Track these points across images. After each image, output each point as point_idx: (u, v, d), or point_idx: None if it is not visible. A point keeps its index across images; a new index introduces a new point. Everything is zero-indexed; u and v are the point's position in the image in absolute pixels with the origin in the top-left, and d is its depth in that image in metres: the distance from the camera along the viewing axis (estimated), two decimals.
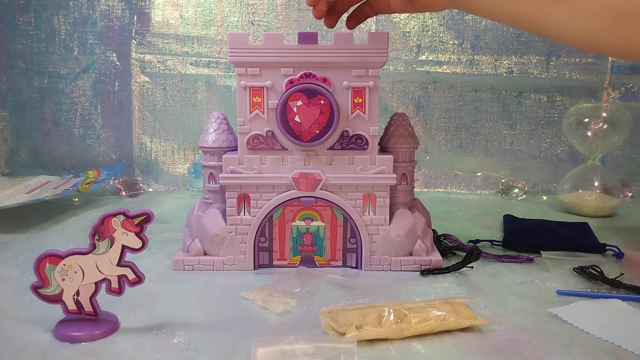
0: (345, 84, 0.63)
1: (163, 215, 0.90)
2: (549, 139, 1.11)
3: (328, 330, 0.48)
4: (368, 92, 0.63)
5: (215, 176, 0.69)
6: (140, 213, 0.46)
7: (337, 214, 0.66)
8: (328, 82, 0.63)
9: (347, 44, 0.62)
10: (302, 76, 0.62)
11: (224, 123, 0.70)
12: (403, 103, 1.12)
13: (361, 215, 0.65)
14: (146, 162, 1.15)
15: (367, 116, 0.64)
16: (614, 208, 0.96)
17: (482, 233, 0.82)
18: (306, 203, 0.64)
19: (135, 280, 0.48)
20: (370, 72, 0.63)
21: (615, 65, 1.07)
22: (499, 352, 0.45)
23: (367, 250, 0.65)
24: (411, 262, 0.66)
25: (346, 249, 0.67)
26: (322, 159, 0.64)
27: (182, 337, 0.47)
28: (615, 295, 0.57)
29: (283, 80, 0.63)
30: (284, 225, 0.66)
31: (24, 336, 0.47)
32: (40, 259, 0.46)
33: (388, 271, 0.65)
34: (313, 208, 0.65)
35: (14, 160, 1.18)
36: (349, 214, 0.64)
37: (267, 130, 0.64)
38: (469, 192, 1.14)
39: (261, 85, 0.63)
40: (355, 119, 0.64)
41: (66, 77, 1.14)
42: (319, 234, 0.66)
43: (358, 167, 0.64)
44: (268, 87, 0.63)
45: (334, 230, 0.66)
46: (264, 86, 0.63)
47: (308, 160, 0.64)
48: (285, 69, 0.63)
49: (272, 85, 0.63)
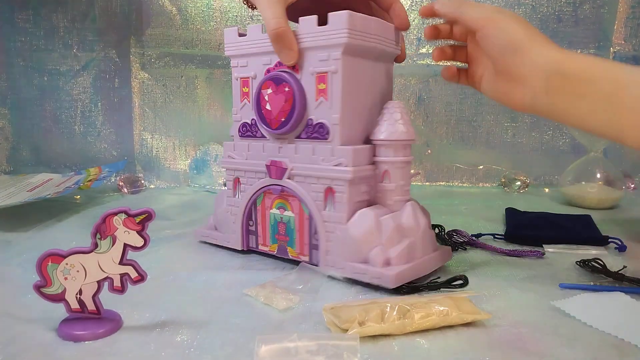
0: (311, 69, 0.60)
1: (165, 212, 0.90)
2: (550, 131, 1.11)
3: (331, 326, 0.48)
4: (331, 77, 0.58)
5: None
6: (141, 211, 0.46)
7: (303, 206, 0.63)
8: (296, 69, 0.61)
9: (309, 27, 0.59)
10: (276, 64, 0.63)
11: None
12: (404, 97, 1.12)
13: (320, 210, 0.61)
14: (147, 159, 1.15)
15: (329, 103, 0.59)
16: (617, 200, 0.96)
17: (484, 226, 0.82)
18: (275, 191, 0.65)
19: (137, 279, 0.48)
20: (332, 55, 0.58)
21: (616, 56, 1.07)
22: (502, 347, 0.45)
23: (323, 249, 0.61)
24: (362, 271, 0.57)
25: (312, 245, 0.63)
26: (290, 148, 0.63)
27: (185, 335, 0.47)
28: (618, 288, 0.56)
29: (264, 69, 0.64)
30: (264, 212, 0.67)
31: (27, 335, 0.47)
32: (43, 258, 0.46)
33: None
34: (284, 197, 0.65)
35: (16, 158, 1.18)
36: (309, 207, 0.61)
37: (252, 119, 0.67)
38: (470, 185, 1.14)
39: (247, 76, 0.66)
40: (319, 106, 0.60)
41: (66, 75, 1.14)
42: (290, 224, 0.65)
43: (320, 158, 0.60)
44: (252, 77, 0.66)
45: (302, 223, 0.63)
46: (249, 76, 0.66)
47: (280, 149, 0.64)
48: (263, 58, 0.64)
49: (255, 76, 0.65)
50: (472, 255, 0.70)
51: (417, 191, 1.09)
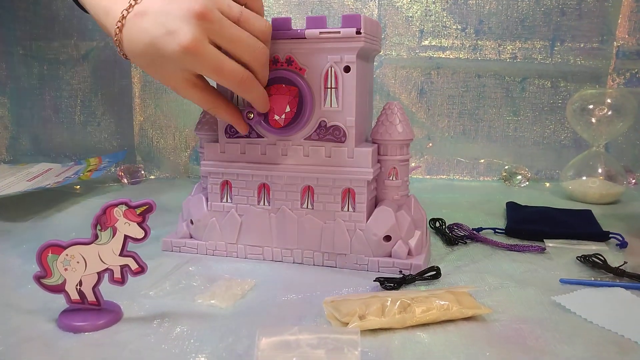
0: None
1: (165, 202, 0.89)
2: (552, 125, 1.11)
3: (331, 320, 0.48)
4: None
5: None
6: (142, 203, 0.46)
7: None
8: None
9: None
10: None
11: None
12: (406, 89, 1.11)
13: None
14: (147, 149, 1.15)
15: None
16: (618, 195, 0.95)
17: (485, 220, 0.82)
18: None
19: (138, 270, 0.48)
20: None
21: (620, 50, 1.06)
22: (502, 342, 0.45)
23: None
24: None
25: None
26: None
27: (185, 327, 0.47)
28: (618, 284, 0.56)
29: None
30: None
31: (27, 326, 0.47)
32: (43, 249, 0.46)
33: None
34: None
35: (15, 147, 1.18)
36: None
37: None
38: (471, 178, 1.14)
39: None
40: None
41: (66, 64, 1.13)
42: None
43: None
44: None
45: None
46: None
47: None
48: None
49: None
50: (472, 249, 0.69)
51: (417, 184, 1.09)
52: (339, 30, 0.57)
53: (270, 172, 0.62)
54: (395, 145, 0.62)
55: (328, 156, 0.61)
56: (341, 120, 0.59)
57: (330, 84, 0.59)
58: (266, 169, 0.62)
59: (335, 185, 0.61)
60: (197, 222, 0.67)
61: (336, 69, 0.59)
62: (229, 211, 0.65)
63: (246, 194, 0.64)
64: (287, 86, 0.59)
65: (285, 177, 0.62)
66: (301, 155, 0.61)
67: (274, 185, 0.63)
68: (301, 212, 0.62)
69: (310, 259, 0.63)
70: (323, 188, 0.61)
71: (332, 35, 0.57)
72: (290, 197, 0.62)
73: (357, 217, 0.61)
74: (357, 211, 0.61)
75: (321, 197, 0.61)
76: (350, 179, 0.60)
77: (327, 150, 0.60)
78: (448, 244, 0.71)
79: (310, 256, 0.63)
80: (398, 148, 0.63)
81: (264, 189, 0.63)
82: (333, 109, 0.59)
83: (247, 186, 0.64)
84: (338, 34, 0.57)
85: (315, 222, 0.62)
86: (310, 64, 0.59)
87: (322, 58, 0.59)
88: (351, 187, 0.60)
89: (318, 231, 0.62)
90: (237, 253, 0.65)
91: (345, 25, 0.57)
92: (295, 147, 0.61)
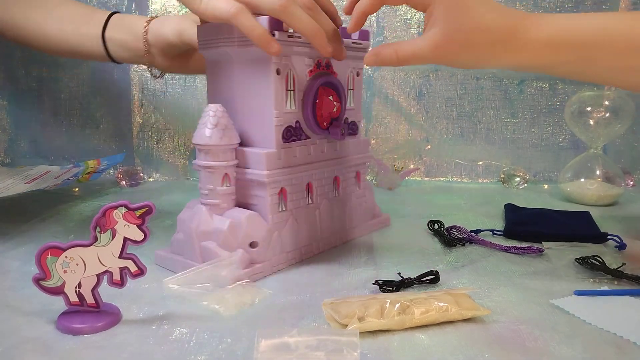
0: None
1: (164, 205, 0.89)
2: (550, 127, 1.11)
3: (330, 321, 0.48)
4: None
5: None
6: (141, 205, 0.46)
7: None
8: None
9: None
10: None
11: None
12: (404, 91, 1.12)
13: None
14: (146, 152, 1.14)
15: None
16: (616, 197, 0.96)
17: (483, 222, 0.82)
18: None
19: (137, 273, 0.48)
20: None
21: None
22: (501, 343, 0.45)
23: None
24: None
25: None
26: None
27: (184, 329, 0.47)
28: (628, 291, 0.55)
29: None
30: None
31: (27, 328, 0.47)
32: (42, 251, 0.46)
33: None
34: None
35: (14, 150, 1.17)
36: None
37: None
38: (470, 180, 1.14)
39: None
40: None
41: (65, 66, 1.13)
42: None
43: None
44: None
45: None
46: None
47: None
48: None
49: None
50: (471, 251, 0.70)
51: (416, 186, 1.09)
52: (361, 42, 0.70)
53: (316, 170, 0.67)
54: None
55: (348, 147, 0.72)
56: (355, 116, 0.73)
57: (349, 86, 0.71)
58: (312, 168, 0.66)
59: (352, 170, 0.73)
60: (262, 242, 0.60)
61: (353, 74, 0.71)
62: (287, 219, 0.63)
63: (299, 197, 0.65)
64: (333, 90, 0.66)
65: (325, 173, 0.68)
66: (333, 149, 0.69)
67: (316, 182, 0.67)
68: (333, 201, 0.70)
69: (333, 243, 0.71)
70: (345, 175, 0.72)
71: (356, 45, 0.69)
72: (327, 190, 0.69)
73: (362, 193, 0.75)
74: (363, 188, 0.75)
75: (343, 183, 0.71)
76: (360, 164, 0.74)
77: (348, 142, 0.72)
78: (446, 246, 0.71)
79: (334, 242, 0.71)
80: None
81: (308, 187, 0.66)
82: (351, 107, 0.72)
83: (299, 189, 0.65)
84: (360, 45, 0.70)
85: (341, 206, 0.71)
86: (339, 69, 0.68)
87: (346, 64, 0.69)
88: (359, 170, 0.75)
89: (343, 214, 0.72)
90: (295, 259, 0.64)
91: (361, 38, 0.70)
92: (330, 143, 0.68)
